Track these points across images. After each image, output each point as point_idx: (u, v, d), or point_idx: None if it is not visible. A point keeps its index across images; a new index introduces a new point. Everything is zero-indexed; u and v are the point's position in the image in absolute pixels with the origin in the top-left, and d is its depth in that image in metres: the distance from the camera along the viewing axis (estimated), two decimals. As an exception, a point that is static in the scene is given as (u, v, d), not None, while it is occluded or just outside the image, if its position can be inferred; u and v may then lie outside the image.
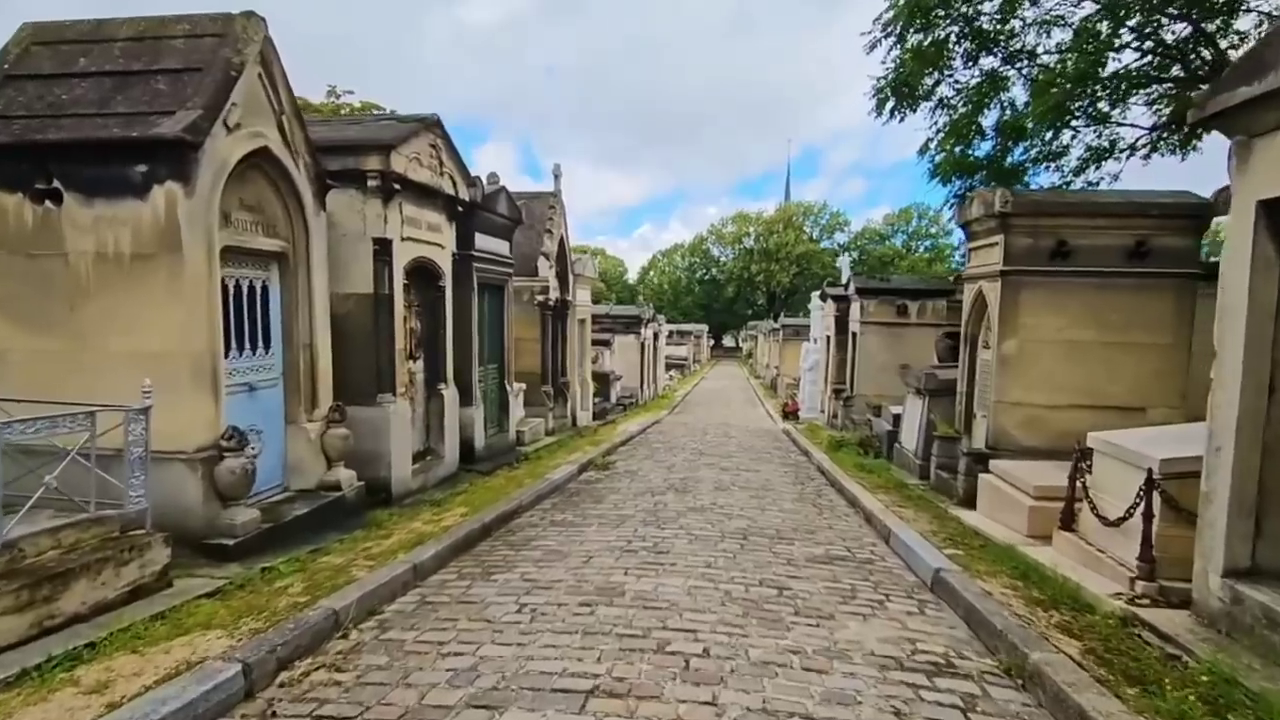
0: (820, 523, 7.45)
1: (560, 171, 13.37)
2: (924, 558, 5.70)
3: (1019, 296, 7.32)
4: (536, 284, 12.51)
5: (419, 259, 7.42)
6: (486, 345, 9.85)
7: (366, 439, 6.78)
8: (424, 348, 7.96)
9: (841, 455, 11.76)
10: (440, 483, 7.97)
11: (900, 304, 15.12)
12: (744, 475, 10.29)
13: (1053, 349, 7.32)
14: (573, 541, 6.36)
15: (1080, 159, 14.37)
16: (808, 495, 9.00)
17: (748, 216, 74.72)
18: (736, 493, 8.91)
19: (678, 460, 11.62)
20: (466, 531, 6.20)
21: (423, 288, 7.85)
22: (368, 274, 6.73)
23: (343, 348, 6.73)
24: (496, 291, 10.11)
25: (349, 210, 6.69)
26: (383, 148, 6.50)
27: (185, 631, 3.78)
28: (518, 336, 12.46)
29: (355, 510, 6.22)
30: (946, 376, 8.98)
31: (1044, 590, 4.81)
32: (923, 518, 7.22)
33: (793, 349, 30.03)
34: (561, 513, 7.64)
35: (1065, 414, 7.33)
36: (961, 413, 8.46)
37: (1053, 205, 7.43)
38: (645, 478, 9.94)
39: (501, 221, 9.72)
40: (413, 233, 7.20)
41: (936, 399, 8.99)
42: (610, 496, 8.54)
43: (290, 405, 6.01)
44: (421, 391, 7.94)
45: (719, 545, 6.30)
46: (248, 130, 5.15)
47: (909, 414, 9.90)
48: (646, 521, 7.17)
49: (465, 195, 8.21)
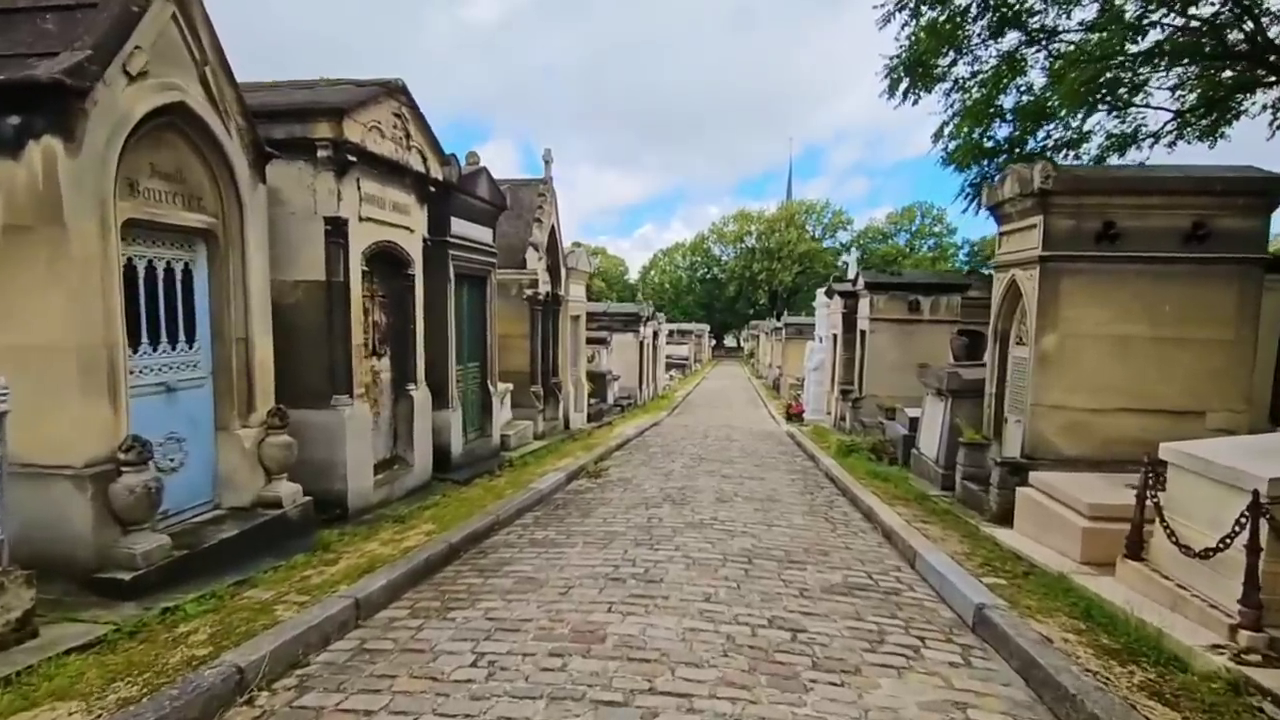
0: (834, 541, 6.60)
1: (551, 157, 12.52)
2: (961, 589, 4.85)
3: (1059, 286, 6.46)
4: (524, 277, 11.67)
5: (382, 243, 6.58)
6: (466, 342, 9.00)
7: (318, 447, 5.94)
8: (390, 344, 7.12)
9: (852, 461, 10.91)
10: (408, 495, 7.12)
11: (912, 300, 14.29)
12: (747, 484, 9.43)
13: (1098, 345, 6.47)
14: (552, 566, 5.52)
15: (1101, 147, 13.51)
16: (818, 507, 8.15)
17: (749, 215, 73.92)
18: (739, 505, 8.06)
19: (676, 467, 10.77)
20: (428, 555, 5.36)
21: (388, 276, 7.00)
22: (319, 258, 5.89)
23: (290, 343, 5.90)
24: (478, 283, 9.26)
25: (297, 185, 5.85)
26: (333, 112, 5.65)
27: (32, 704, 2.94)
28: (504, 333, 11.62)
29: (300, 530, 5.38)
30: (972, 376, 8.13)
31: (1116, 636, 3.96)
32: (951, 537, 6.36)
33: (795, 348, 29.20)
34: (543, 529, 6.80)
35: (1111, 419, 6.49)
36: (990, 417, 7.60)
37: (1099, 181, 6.58)
38: (640, 487, 9.09)
39: (482, 206, 8.87)
40: (374, 213, 6.36)
41: (960, 401, 8.14)
42: (600, 509, 7.70)
43: (221, 409, 5.16)
44: (387, 393, 7.10)
45: (720, 571, 5.45)
46: (158, 81, 4.31)
47: (928, 417, 9.04)
48: (638, 541, 6.32)
49: (438, 174, 7.36)
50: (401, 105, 6.60)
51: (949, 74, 12.62)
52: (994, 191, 7.27)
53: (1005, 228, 7.21)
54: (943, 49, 12.35)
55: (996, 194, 7.19)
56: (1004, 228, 7.25)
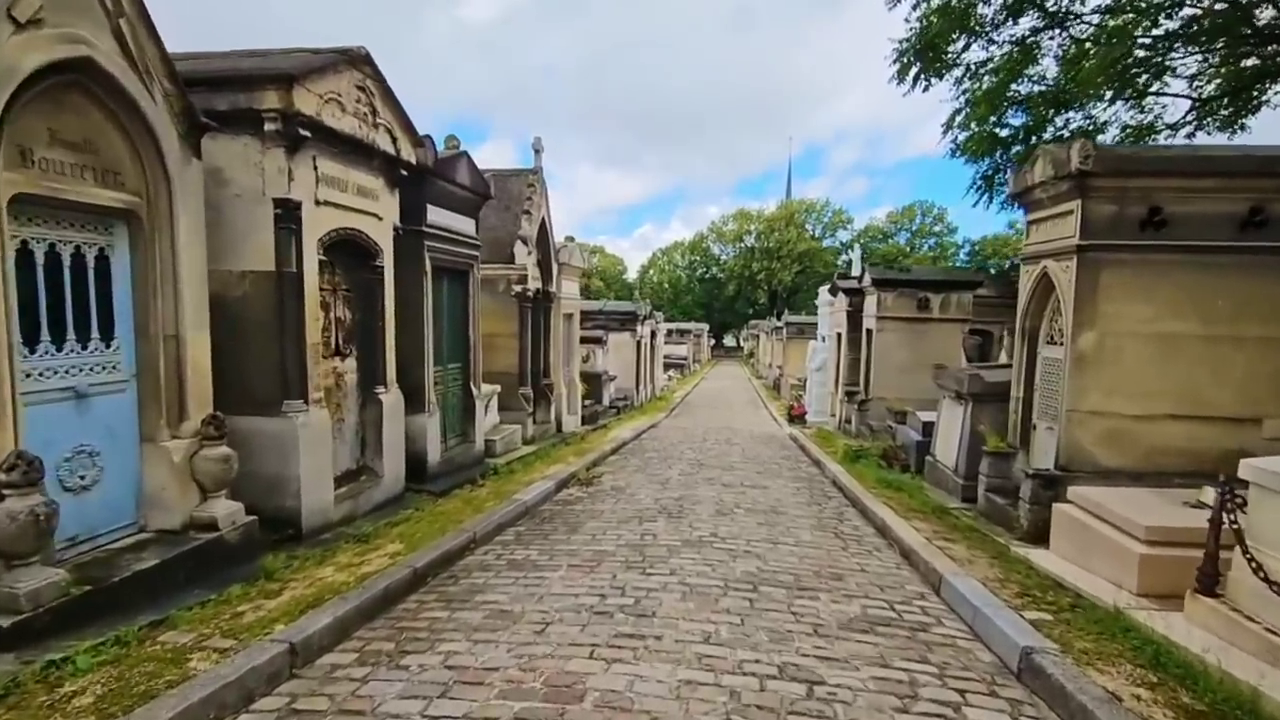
0: (848, 563, 5.93)
1: (541, 146, 11.85)
2: (1001, 626, 4.18)
3: (1099, 278, 5.80)
4: (513, 272, 11.00)
5: (344, 231, 5.90)
6: (446, 341, 8.34)
7: (267, 459, 5.27)
8: (356, 342, 6.44)
9: (861, 468, 10.25)
10: (377, 509, 6.45)
11: (922, 297, 13.63)
12: (750, 494, 8.76)
13: (1141, 344, 5.81)
14: (529, 595, 4.84)
15: (1117, 138, 12.87)
16: (827, 521, 7.48)
17: (749, 214, 73.29)
18: (741, 518, 7.40)
19: (673, 474, 10.10)
20: (388, 584, 4.68)
21: (353, 268, 6.33)
22: (268, 246, 5.21)
23: (235, 341, 5.23)
24: (459, 278, 8.59)
25: (243, 164, 5.17)
26: (282, 80, 4.97)
27: None
28: (490, 332, 10.95)
29: (240, 555, 4.70)
30: (995, 379, 7.46)
31: (1198, 694, 3.29)
32: (979, 558, 5.70)
33: (796, 348, 28.57)
34: (525, 547, 6.13)
35: (1156, 426, 5.83)
36: (1017, 423, 6.93)
37: (1145, 162, 5.91)
38: (634, 497, 8.43)
39: (463, 194, 8.20)
40: (333, 196, 5.69)
41: (982, 406, 7.47)
42: (589, 524, 7.03)
43: (147, 417, 4.49)
44: (353, 396, 6.42)
45: (721, 602, 4.78)
46: (56, 31, 3.64)
47: (945, 423, 8.38)
48: (629, 563, 5.65)
49: (410, 156, 6.69)
50: (366, 77, 5.93)
51: (961, 59, 11.96)
52: (1022, 176, 6.61)
53: (1035, 215, 6.55)
54: (955, 33, 11.69)
55: (1025, 178, 6.52)
56: (1033, 216, 6.59)
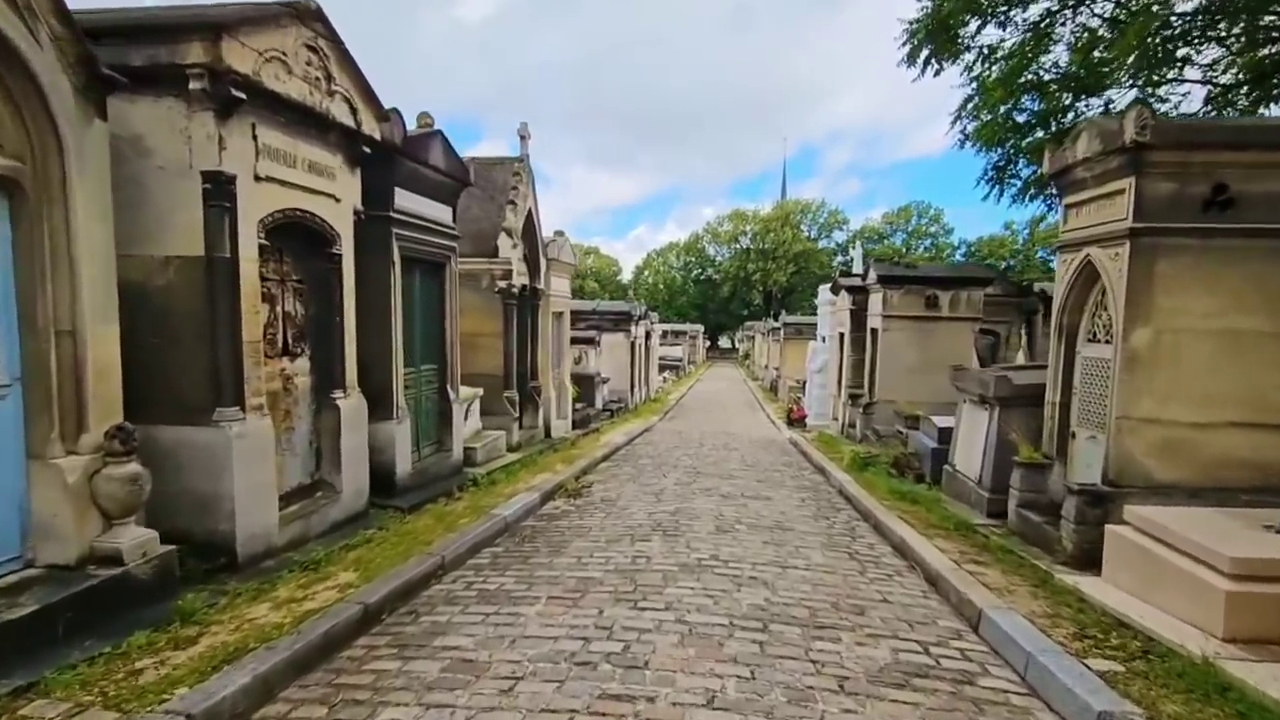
0: (868, 591, 5.20)
1: (528, 132, 11.10)
2: (1064, 680, 3.46)
3: (1155, 267, 5.09)
4: (496, 266, 10.25)
5: (292, 212, 5.15)
6: (418, 340, 7.58)
7: (195, 475, 4.51)
8: (310, 341, 5.69)
9: (870, 477, 9.53)
10: (333, 529, 5.68)
11: (930, 295, 12.92)
12: (752, 506, 8.03)
13: (1202, 342, 5.10)
14: (499, 639, 4.10)
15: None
16: (838, 538, 6.76)
17: (744, 215, 72.71)
18: (744, 535, 6.67)
19: (668, 483, 9.37)
20: (330, 627, 3.93)
21: (305, 256, 5.58)
22: (196, 227, 4.45)
23: (156, 339, 4.48)
24: (433, 270, 7.84)
25: (167, 130, 4.42)
26: (208, 30, 4.22)
27: None
28: (472, 331, 10.20)
29: (153, 593, 3.94)
30: (1025, 381, 6.75)
31: (1344, 788, 2.58)
32: (1019, 587, 4.98)
33: (794, 349, 27.88)
34: (500, 574, 5.38)
35: (1218, 435, 5.13)
36: (1052, 431, 6.22)
37: (1212, 133, 5.21)
38: (626, 510, 7.69)
39: (436, 178, 7.44)
40: (278, 171, 4.93)
41: (1010, 411, 6.75)
42: (575, 543, 6.29)
43: (34, 429, 3.72)
44: (305, 402, 5.66)
45: (726, 646, 4.04)
46: (-109, -56, 2.88)
47: (967, 429, 7.66)
48: (619, 594, 4.91)
49: (373, 131, 5.94)
50: (318, 36, 5.17)
51: (975, 41, 11.26)
52: (1060, 154, 5.90)
53: (1075, 198, 5.83)
54: (967, 14, 10.99)
55: (1064, 156, 5.81)
56: (1073, 198, 5.87)
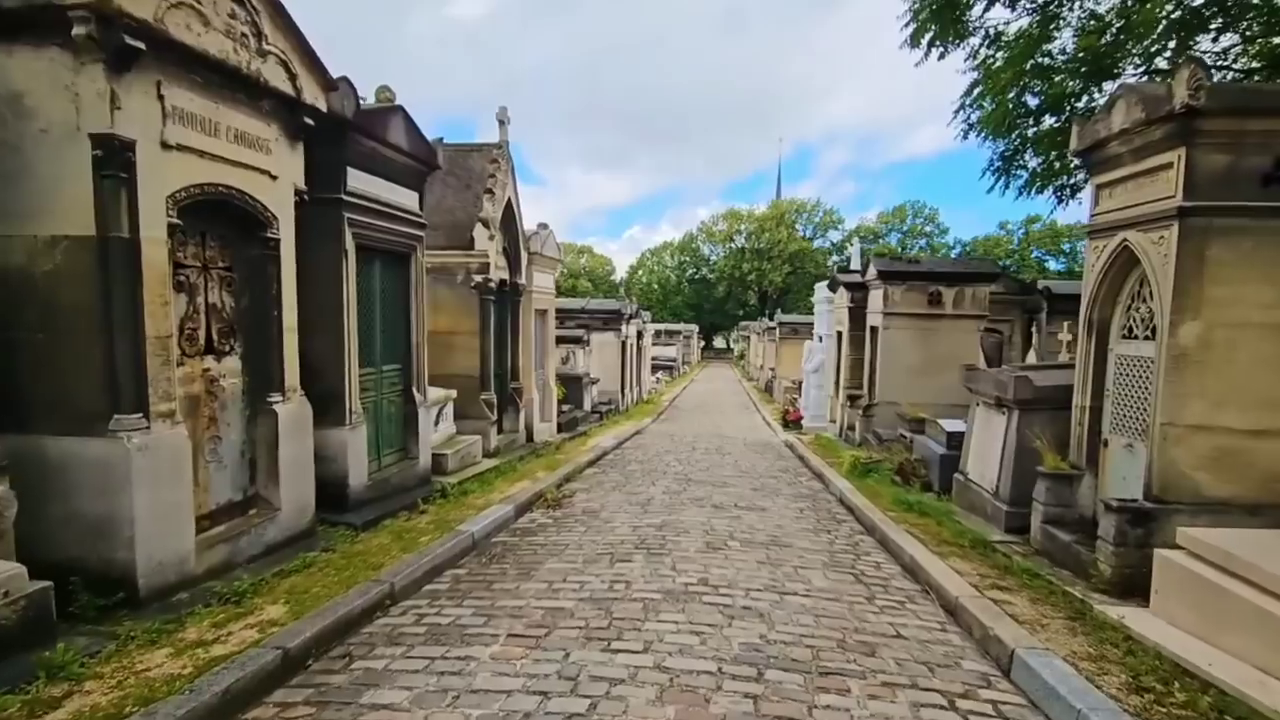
0: (878, 623, 4.53)
1: (507, 117, 10.41)
2: (1131, 755, 2.80)
3: (1207, 251, 4.44)
4: (472, 259, 9.55)
5: (215, 189, 4.45)
6: (380, 338, 6.89)
7: (86, 495, 3.81)
8: (241, 337, 4.98)
9: (873, 485, 8.89)
10: (268, 553, 4.99)
11: (933, 291, 12.28)
12: (745, 518, 7.37)
13: (1262, 338, 4.46)
14: (441, 693, 3.41)
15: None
16: (841, 555, 6.10)
17: (739, 214, 72.11)
18: (737, 553, 6.00)
19: (656, 492, 8.70)
20: (234, 681, 3.24)
21: (236, 240, 4.88)
22: (86, 201, 3.76)
23: (39, 333, 3.79)
24: (396, 262, 7.14)
25: (51, 86, 3.72)
26: (94, -38, 3.53)
27: None
28: (446, 329, 9.52)
29: (17, 641, 3.24)
30: (1048, 382, 6.10)
31: None
32: (1052, 620, 4.32)
33: (790, 349, 27.26)
34: (458, 603, 4.71)
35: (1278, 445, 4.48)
36: (1081, 438, 5.57)
37: (1274, 98, 4.55)
38: (609, 523, 7.02)
39: (399, 159, 6.75)
40: (194, 139, 4.24)
41: (1031, 415, 6.11)
42: (548, 564, 5.61)
43: None
44: (236, 407, 4.96)
45: (715, 703, 3.35)
46: None
47: (981, 435, 7.01)
48: (590, 630, 4.23)
49: (317, 101, 5.24)
50: (244, -16, 4.48)
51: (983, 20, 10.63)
52: (1091, 127, 5.25)
53: (1109, 176, 5.18)
54: (975, -8, 10.36)
55: (1095, 130, 5.16)
56: (1106, 177, 5.22)
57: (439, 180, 10.11)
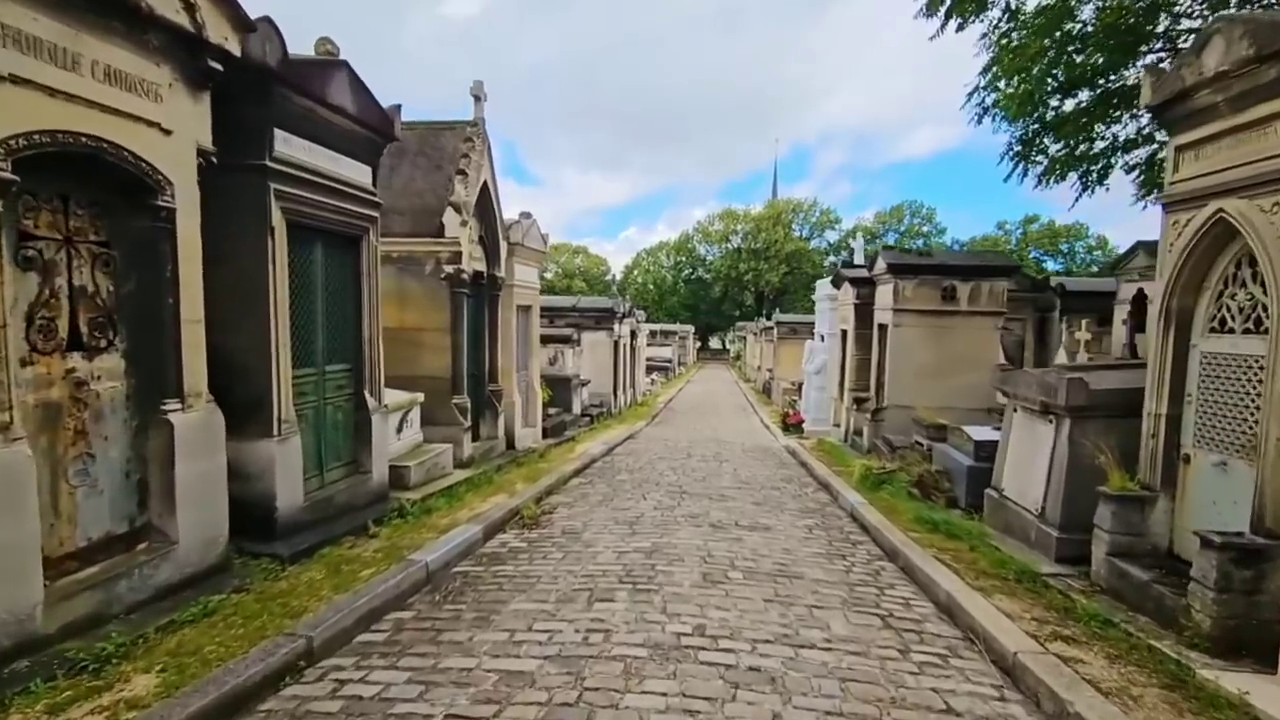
0: (917, 687, 3.59)
1: (483, 92, 9.44)
2: None
3: (1337, 220, 3.52)
4: (442, 248, 8.59)
5: (72, 138, 3.47)
6: (322, 333, 5.92)
7: None
8: (123, 330, 4.01)
9: (888, 499, 7.96)
10: (159, 597, 4.01)
11: (947, 286, 11.36)
12: (748, 541, 6.43)
13: (1404, 330, 3.53)
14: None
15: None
16: (863, 590, 5.15)
17: (735, 214, 71.24)
18: (739, 588, 5.05)
19: (646, 507, 7.74)
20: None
21: (112, 208, 3.91)
22: None
23: None
24: (343, 246, 6.17)
25: None
26: None
27: None
28: (413, 325, 8.58)
29: None
30: (1108, 385, 5.16)
31: None
32: (1145, 688, 3.38)
33: (789, 349, 26.34)
34: (391, 663, 3.75)
35: None
36: (1155, 452, 4.62)
37: None
38: (590, 547, 6.07)
39: (344, 125, 5.77)
40: (37, 71, 3.27)
41: (1085, 424, 5.17)
42: (513, 603, 4.66)
43: None
44: (117, 416, 3.98)
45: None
46: None
47: (1020, 445, 6.07)
48: (552, 710, 3.27)
49: (226, 42, 4.28)
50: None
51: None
52: (1172, 75, 4.31)
53: (1196, 133, 4.24)
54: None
55: (1179, 77, 4.22)
56: (1193, 134, 4.28)
57: (407, 161, 9.17)
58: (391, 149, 9.31)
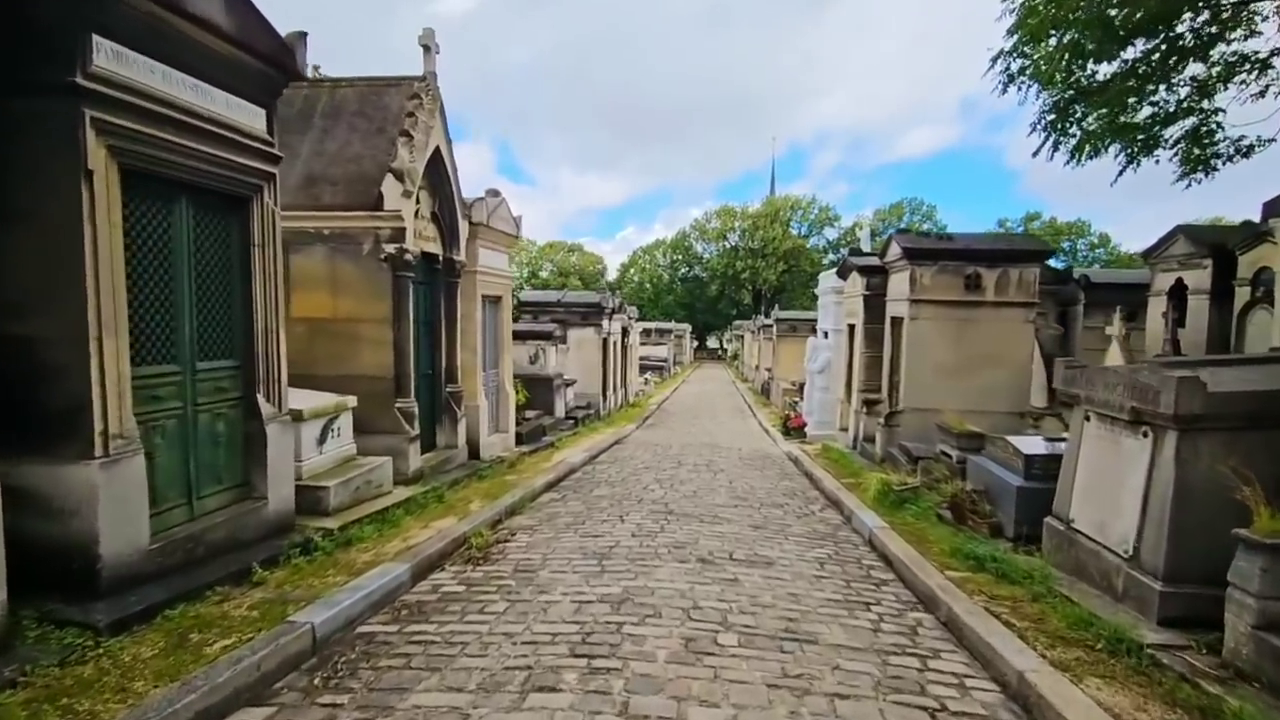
0: None
1: (433, 42, 8.04)
2: None
3: None
4: (381, 224, 7.20)
5: None
6: (191, 319, 4.54)
7: None
8: None
9: (914, 523, 6.64)
10: None
11: (971, 273, 10.00)
12: (746, 582, 5.08)
13: None
14: None
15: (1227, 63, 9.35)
16: (899, 664, 3.80)
17: (732, 211, 69.92)
18: (734, 664, 3.70)
19: (623, 533, 6.40)
20: None
21: None
22: None
23: None
24: (224, 208, 4.79)
25: None
26: None
27: None
28: (346, 315, 7.23)
29: None
30: (1232, 387, 3.81)
31: None
32: None
33: (789, 348, 25.00)
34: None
35: None
36: (1322, 482, 3.28)
37: None
38: (543, 594, 4.72)
39: (219, 48, 4.38)
40: None
41: (1198, 438, 3.82)
42: (414, 693, 3.31)
43: None
44: None
45: None
46: None
47: (1097, 463, 4.70)
48: None
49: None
50: None
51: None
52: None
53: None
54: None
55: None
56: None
57: (343, 122, 7.81)
58: (325, 108, 7.98)
